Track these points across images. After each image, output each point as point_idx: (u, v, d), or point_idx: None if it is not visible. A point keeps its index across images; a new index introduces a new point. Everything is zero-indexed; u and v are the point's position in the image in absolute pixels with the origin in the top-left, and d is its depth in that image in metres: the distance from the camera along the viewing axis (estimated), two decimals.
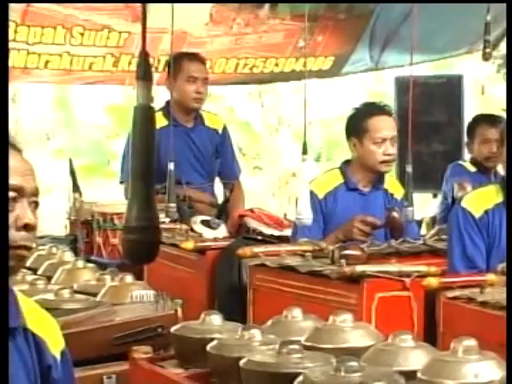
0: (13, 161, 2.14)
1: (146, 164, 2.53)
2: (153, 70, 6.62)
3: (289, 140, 13.32)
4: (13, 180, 2.10)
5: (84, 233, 5.27)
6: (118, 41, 6.56)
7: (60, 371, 2.25)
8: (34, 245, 2.15)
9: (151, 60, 6.68)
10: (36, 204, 2.16)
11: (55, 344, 2.26)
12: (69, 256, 4.74)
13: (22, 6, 6.09)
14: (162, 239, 3.90)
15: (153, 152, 2.54)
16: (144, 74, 2.54)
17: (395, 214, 4.53)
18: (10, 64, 6.31)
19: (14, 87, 7.65)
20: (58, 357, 2.26)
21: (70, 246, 5.20)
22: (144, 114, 2.53)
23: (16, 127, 10.75)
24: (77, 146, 12.32)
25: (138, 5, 6.35)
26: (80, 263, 4.53)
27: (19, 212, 2.10)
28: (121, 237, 2.77)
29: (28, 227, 2.10)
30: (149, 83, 2.56)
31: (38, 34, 6.28)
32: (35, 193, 2.15)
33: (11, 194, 2.09)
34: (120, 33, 6.52)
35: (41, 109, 12.10)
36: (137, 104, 2.53)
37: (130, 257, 2.79)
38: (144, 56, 2.53)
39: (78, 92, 11.52)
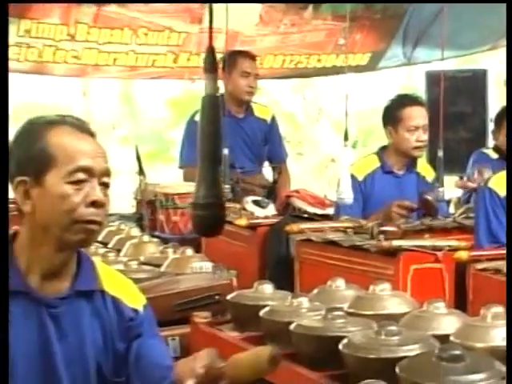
0: (85, 144, 2.14)
1: (213, 147, 2.51)
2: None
3: (328, 129, 13.31)
4: (84, 161, 2.11)
5: (148, 211, 5.27)
6: (178, 40, 6.58)
7: (143, 320, 2.26)
8: (103, 220, 2.14)
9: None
10: (107, 183, 2.16)
11: (133, 299, 2.28)
12: (135, 232, 4.77)
13: (93, 9, 6.15)
14: None
15: (219, 136, 2.53)
16: (210, 66, 2.52)
17: (428, 197, 4.52)
18: (83, 61, 6.38)
19: (85, 82, 7.66)
20: (141, 309, 2.27)
21: (137, 223, 5.22)
22: (211, 103, 2.52)
23: (87, 118, 10.80)
24: (140, 134, 12.37)
25: (196, 7, 6.45)
26: (145, 238, 4.55)
27: (87, 190, 2.10)
28: (190, 213, 2.74)
29: (96, 204, 2.10)
30: (215, 75, 2.55)
31: (108, 35, 6.32)
32: (105, 173, 2.15)
33: (81, 174, 2.10)
34: (179, 33, 6.54)
35: (108, 102, 12.16)
36: (204, 94, 2.52)
37: (198, 230, 2.78)
38: (210, 51, 2.51)
39: (141, 86, 11.56)
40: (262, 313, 2.95)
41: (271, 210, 5.00)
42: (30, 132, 2.17)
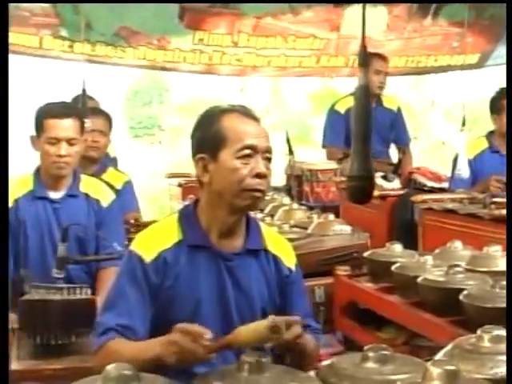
0: (250, 127, 2.15)
1: (365, 129, 2.46)
2: (344, 65, 6.61)
3: (439, 118, 13.06)
4: (249, 141, 2.11)
5: (296, 184, 5.29)
6: (320, 45, 6.52)
7: (294, 278, 2.26)
8: (266, 188, 2.14)
9: (344, 58, 6.65)
10: (269, 159, 2.15)
11: (289, 259, 2.27)
12: (286, 200, 4.78)
13: (253, 21, 6.19)
14: None
15: (370, 120, 2.47)
16: (363, 61, 2.46)
17: None
18: (244, 64, 6.43)
19: (243, 80, 7.71)
20: (293, 268, 2.26)
21: (286, 194, 5.24)
22: (363, 92, 2.46)
23: None
24: (286, 122, 12.38)
25: (335, 17, 6.38)
26: (294, 205, 4.55)
27: (253, 164, 2.10)
28: (345, 183, 2.68)
29: (260, 175, 2.10)
30: (366, 69, 2.48)
31: (264, 42, 6.33)
32: (267, 150, 2.15)
33: (247, 151, 2.09)
34: (321, 39, 6.48)
35: (260, 96, 12.20)
36: (358, 84, 2.46)
37: (352, 198, 2.71)
38: (363, 48, 2.44)
39: (287, 83, 11.56)
40: (393, 267, 2.90)
41: (396, 183, 4.93)
42: (208, 118, 2.19)
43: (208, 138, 2.14)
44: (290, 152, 5.35)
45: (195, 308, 2.10)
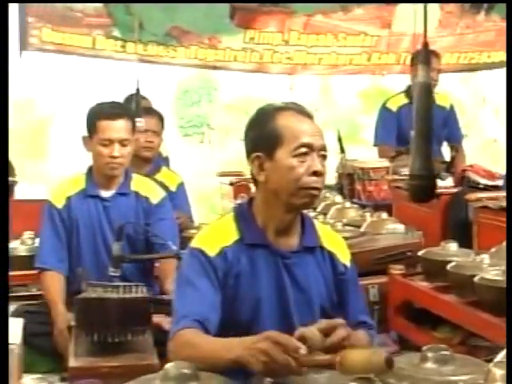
0: (305, 125, 2.13)
1: (426, 127, 2.42)
2: (395, 62, 6.54)
3: (490, 115, 12.89)
4: (305, 139, 2.09)
5: (348, 182, 5.25)
6: (371, 42, 6.48)
7: (349, 274, 2.25)
8: (322, 186, 2.13)
9: (395, 56, 6.59)
10: (324, 156, 2.14)
11: (344, 256, 2.26)
12: (338, 199, 4.76)
13: (303, 19, 6.21)
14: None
15: (431, 118, 2.42)
16: (424, 59, 2.42)
17: None
18: (295, 62, 6.43)
19: (292, 79, 7.69)
20: (348, 264, 2.24)
21: (338, 192, 5.21)
22: (425, 89, 2.42)
23: None
24: (335, 120, 12.33)
25: (386, 14, 6.33)
26: (347, 204, 4.53)
27: (309, 162, 2.09)
28: (406, 182, 2.64)
29: (316, 173, 2.09)
30: (428, 66, 2.44)
31: (314, 39, 6.33)
32: (322, 148, 2.14)
33: (303, 149, 2.08)
34: (372, 36, 6.45)
35: (309, 94, 12.18)
36: (418, 83, 2.42)
37: (414, 197, 2.67)
38: (425, 46, 2.39)
39: (337, 81, 11.52)
40: (449, 266, 2.87)
41: (449, 181, 4.86)
42: (262, 116, 2.18)
43: (263, 136, 2.13)
44: (342, 150, 5.32)
45: (255, 307, 2.09)
